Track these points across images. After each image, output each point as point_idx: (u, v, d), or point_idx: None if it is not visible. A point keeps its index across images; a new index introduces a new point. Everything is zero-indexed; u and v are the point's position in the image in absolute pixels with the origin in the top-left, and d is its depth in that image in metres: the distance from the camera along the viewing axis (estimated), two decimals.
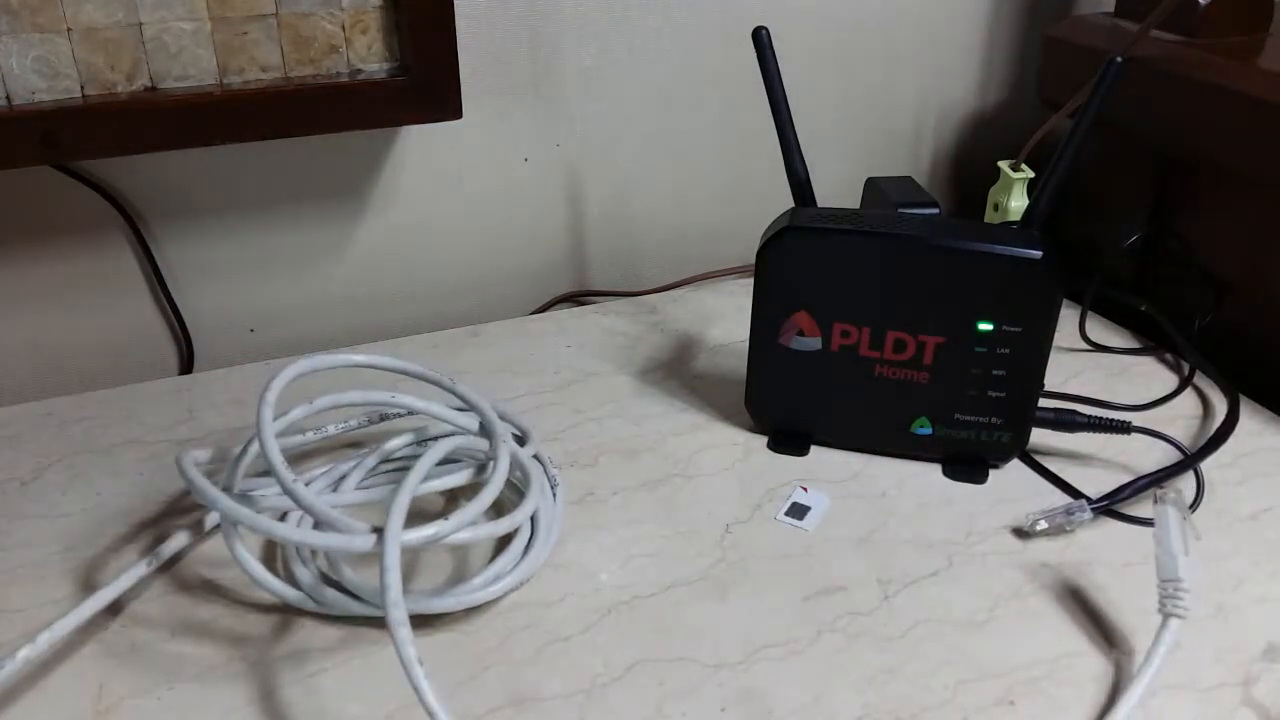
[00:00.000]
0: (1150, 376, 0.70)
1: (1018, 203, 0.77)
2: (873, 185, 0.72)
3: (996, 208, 0.79)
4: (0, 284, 0.68)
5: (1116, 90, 0.52)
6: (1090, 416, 0.59)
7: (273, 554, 0.52)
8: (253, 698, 0.44)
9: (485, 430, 0.54)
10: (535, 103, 0.77)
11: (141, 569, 0.49)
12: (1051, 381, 0.61)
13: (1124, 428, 0.59)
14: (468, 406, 0.55)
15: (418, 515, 0.50)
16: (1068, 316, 0.64)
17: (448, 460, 0.54)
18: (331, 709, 0.44)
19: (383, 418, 0.60)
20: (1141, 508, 0.56)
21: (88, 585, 0.50)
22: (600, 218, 0.83)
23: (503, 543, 0.52)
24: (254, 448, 0.51)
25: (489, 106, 0.75)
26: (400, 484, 0.46)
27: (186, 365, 0.75)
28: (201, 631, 0.47)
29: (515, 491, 0.56)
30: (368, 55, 0.65)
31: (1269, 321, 0.69)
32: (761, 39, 0.56)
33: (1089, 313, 0.75)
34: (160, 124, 0.60)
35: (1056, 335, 0.56)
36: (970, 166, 0.94)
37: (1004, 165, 0.78)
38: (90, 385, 0.70)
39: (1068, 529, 0.54)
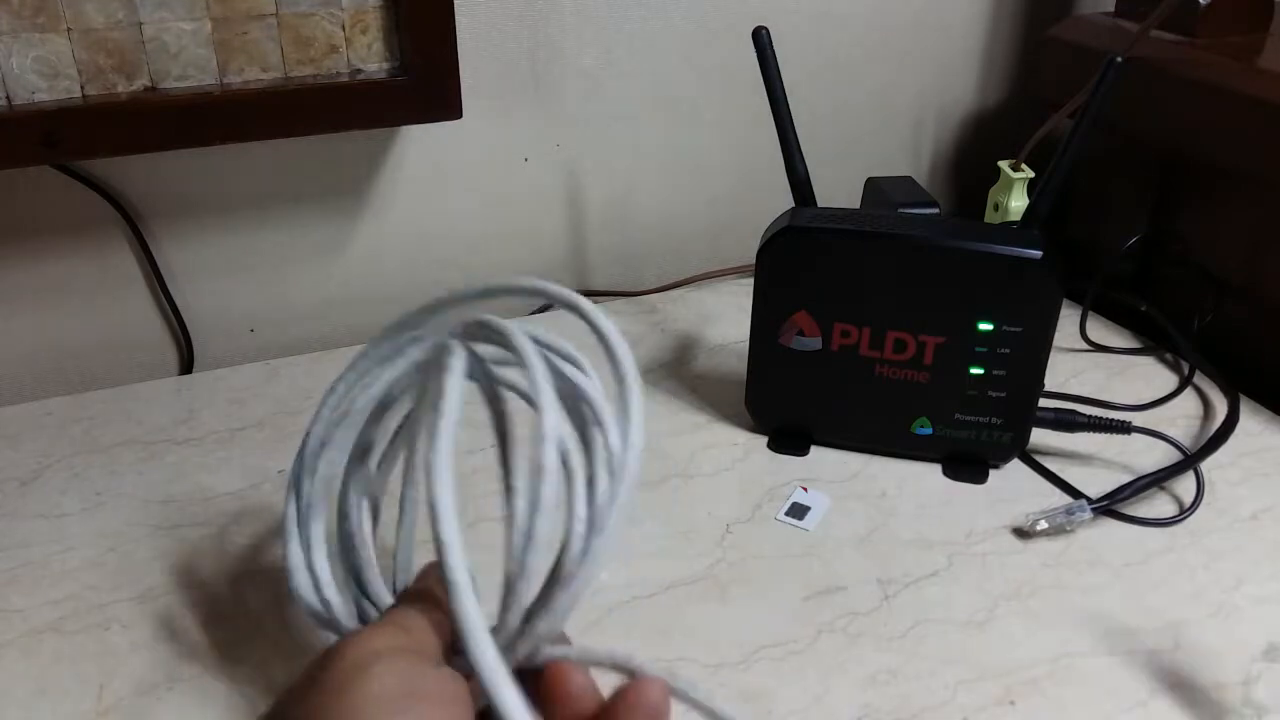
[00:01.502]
0: (1150, 376, 0.70)
1: (1018, 203, 0.77)
2: (873, 185, 0.72)
3: (996, 208, 0.79)
4: (0, 284, 0.68)
5: (1116, 90, 0.52)
6: (1090, 416, 0.59)
7: None
8: (254, 698, 0.44)
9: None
10: (535, 103, 0.77)
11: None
12: (1051, 381, 0.61)
13: (1124, 428, 0.59)
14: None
15: None
16: (1068, 316, 0.64)
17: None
18: None
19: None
20: (1142, 508, 0.56)
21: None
22: (600, 218, 0.83)
23: None
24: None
25: (489, 106, 0.75)
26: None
27: (186, 365, 0.75)
28: (202, 632, 0.47)
29: None
30: (368, 55, 0.65)
31: (1269, 321, 0.69)
32: (761, 39, 0.56)
33: (1089, 313, 0.75)
34: (160, 124, 0.60)
35: (1056, 335, 0.56)
36: (970, 166, 0.94)
37: (1004, 165, 0.78)
38: (90, 385, 0.69)
39: (1068, 529, 0.54)
